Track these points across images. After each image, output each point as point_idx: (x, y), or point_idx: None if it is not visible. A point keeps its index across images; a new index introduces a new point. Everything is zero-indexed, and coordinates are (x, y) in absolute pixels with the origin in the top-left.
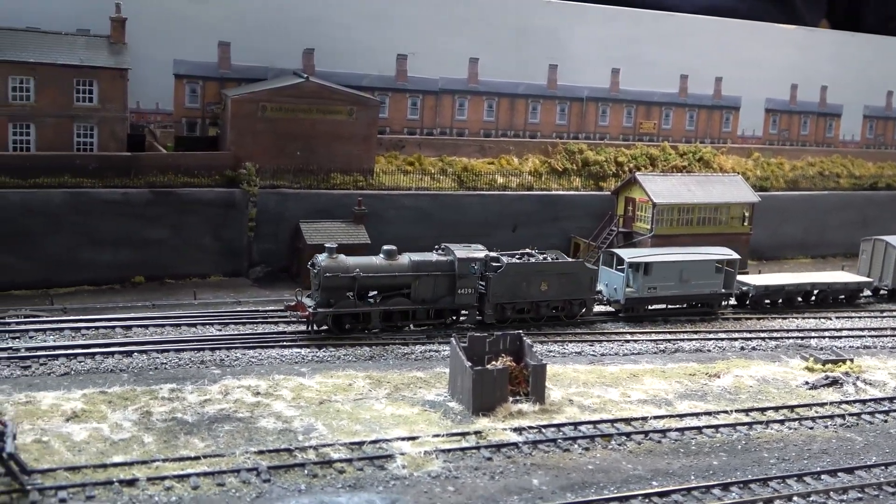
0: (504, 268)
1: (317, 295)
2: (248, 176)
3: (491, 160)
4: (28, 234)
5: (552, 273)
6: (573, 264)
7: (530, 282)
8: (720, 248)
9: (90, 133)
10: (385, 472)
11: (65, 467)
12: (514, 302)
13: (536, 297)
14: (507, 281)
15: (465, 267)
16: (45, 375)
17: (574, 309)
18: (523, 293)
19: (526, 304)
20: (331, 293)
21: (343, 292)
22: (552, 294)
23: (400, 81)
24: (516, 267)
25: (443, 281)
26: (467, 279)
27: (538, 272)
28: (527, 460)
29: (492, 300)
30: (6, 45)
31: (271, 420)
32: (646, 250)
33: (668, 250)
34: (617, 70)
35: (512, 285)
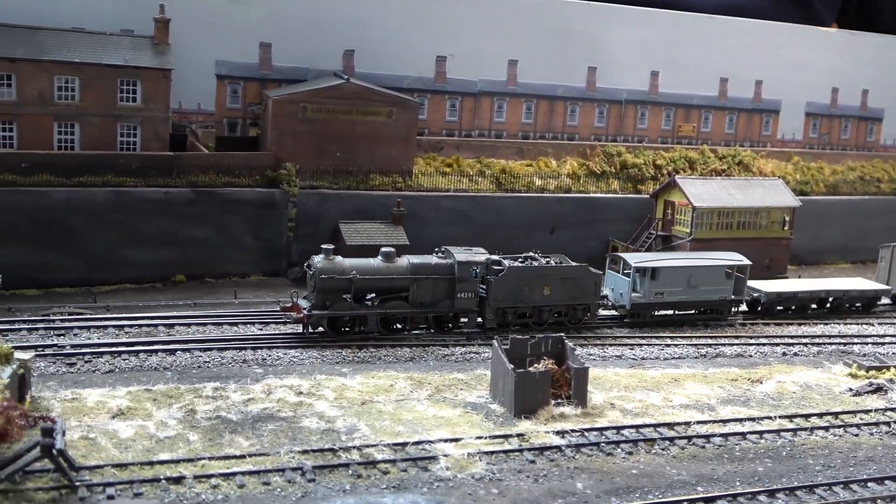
0: (505, 271)
1: (312, 297)
2: (289, 176)
3: (529, 162)
4: (72, 232)
5: (555, 277)
6: (577, 268)
7: (532, 286)
8: (730, 253)
9: (133, 133)
10: (429, 474)
11: (112, 464)
12: (516, 306)
13: (539, 301)
14: (509, 285)
15: (464, 270)
16: (90, 373)
17: (578, 314)
18: (525, 297)
19: (528, 309)
20: (326, 295)
21: (339, 294)
22: (555, 298)
23: (439, 83)
24: (518, 271)
25: (442, 284)
26: (467, 283)
27: (541, 276)
28: (570, 464)
29: (493, 304)
30: (52, 46)
31: (314, 420)
32: (653, 255)
33: (676, 255)
34: (656, 72)
35: (514, 289)
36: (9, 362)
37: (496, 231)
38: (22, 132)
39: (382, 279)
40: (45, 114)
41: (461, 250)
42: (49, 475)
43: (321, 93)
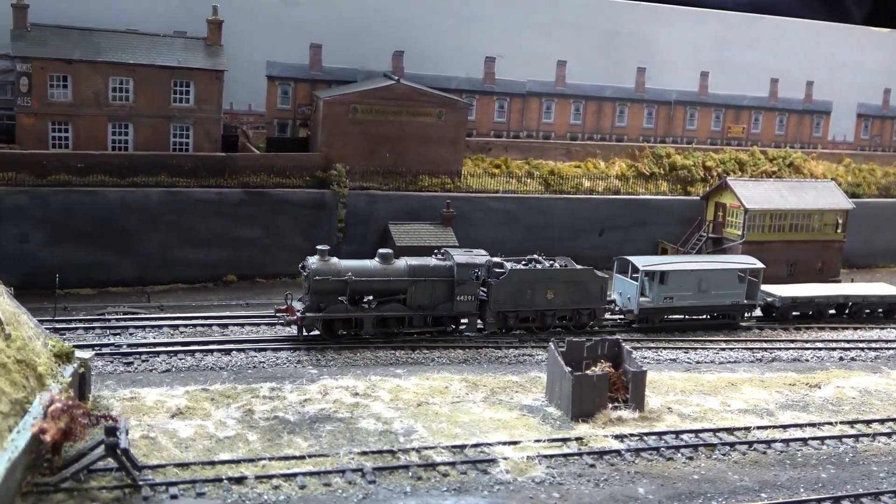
0: (506, 274)
1: (307, 298)
2: (339, 177)
3: (577, 163)
4: (126, 232)
5: (559, 280)
6: (582, 272)
7: (535, 289)
8: (743, 256)
9: (186, 133)
10: (489, 477)
11: (174, 464)
12: (518, 310)
13: (542, 305)
14: (510, 288)
15: (464, 272)
16: (148, 372)
17: (583, 319)
18: (527, 301)
19: (530, 313)
20: (321, 297)
21: (334, 296)
22: (559, 303)
23: (487, 84)
24: (520, 273)
25: (441, 287)
26: (467, 285)
27: (543, 279)
28: (630, 468)
29: (493, 308)
30: (107, 47)
31: (371, 421)
32: (663, 258)
33: (686, 258)
34: (706, 73)
35: (515, 293)
36: (69, 361)
37: (544, 232)
38: (77, 133)
39: (379, 281)
40: (100, 114)
41: (461, 252)
42: (112, 474)
43: (371, 94)
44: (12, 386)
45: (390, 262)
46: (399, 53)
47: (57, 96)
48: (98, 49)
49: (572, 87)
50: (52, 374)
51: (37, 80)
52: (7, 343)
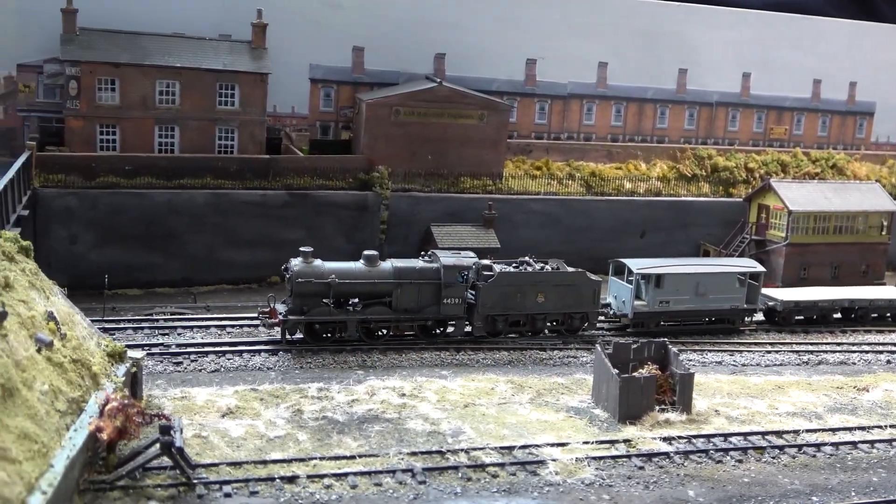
0: (495, 277)
1: (289, 301)
2: (381, 179)
3: (618, 165)
4: (172, 233)
5: (549, 284)
6: (574, 275)
7: (525, 293)
8: (744, 259)
9: (231, 136)
10: (538, 478)
11: (226, 462)
12: (507, 314)
13: (532, 309)
14: (499, 291)
15: (451, 275)
16: (197, 372)
17: (575, 323)
18: (517, 305)
19: (520, 317)
20: (304, 300)
21: (318, 299)
22: (550, 306)
23: (529, 86)
24: (509, 276)
25: (427, 290)
26: (454, 288)
27: (534, 283)
28: (680, 471)
29: (481, 311)
30: (154, 51)
31: (419, 422)
32: (659, 261)
33: (683, 261)
34: (748, 74)
35: (504, 296)
36: (122, 361)
37: (586, 234)
38: (124, 135)
39: (364, 283)
40: (147, 117)
41: (449, 254)
42: (167, 472)
43: (414, 96)
44: (69, 385)
45: (375, 264)
46: (441, 55)
47: (105, 99)
48: (145, 52)
49: (613, 89)
50: (106, 374)
51: (85, 83)
52: (63, 343)
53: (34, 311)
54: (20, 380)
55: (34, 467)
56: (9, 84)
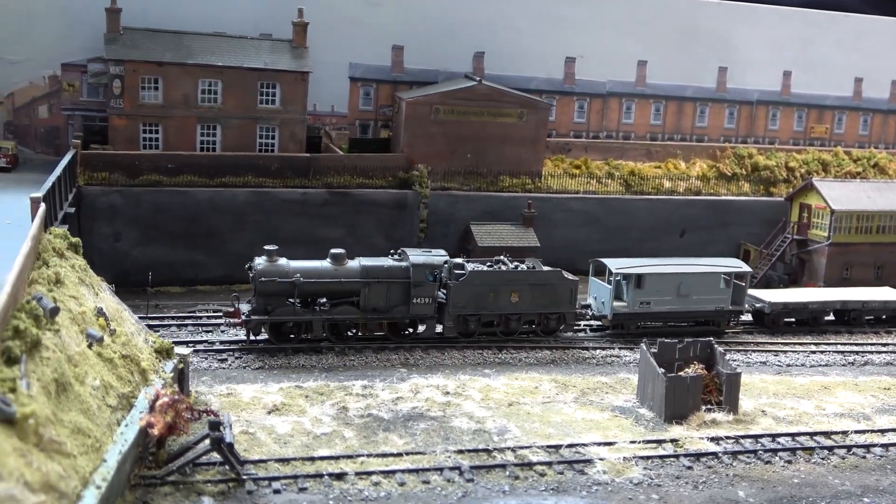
0: (466, 276)
1: (253, 301)
2: (421, 178)
3: (657, 164)
4: (214, 231)
5: (524, 283)
6: (549, 274)
7: (498, 292)
8: (730, 259)
9: (272, 134)
10: (586, 477)
11: (274, 459)
12: (480, 314)
13: (506, 309)
14: (471, 290)
15: (420, 274)
16: (241, 369)
17: (551, 324)
18: (490, 305)
19: (494, 317)
20: (268, 299)
21: (282, 299)
22: (524, 307)
23: (567, 84)
24: (480, 275)
25: (396, 289)
26: (424, 287)
27: (507, 282)
28: (728, 471)
29: (452, 311)
30: (196, 50)
31: (464, 420)
32: (639, 260)
33: (666, 261)
34: (788, 72)
35: (476, 296)
36: (169, 357)
37: (625, 233)
38: (167, 134)
39: (330, 282)
40: (190, 116)
41: (419, 252)
42: (216, 468)
43: (453, 94)
44: (119, 380)
45: (343, 262)
46: (479, 54)
47: (148, 98)
48: (188, 52)
49: (652, 87)
50: (155, 370)
51: (129, 82)
52: (112, 339)
53: (84, 307)
54: (73, 375)
55: (88, 462)
56: (53, 83)
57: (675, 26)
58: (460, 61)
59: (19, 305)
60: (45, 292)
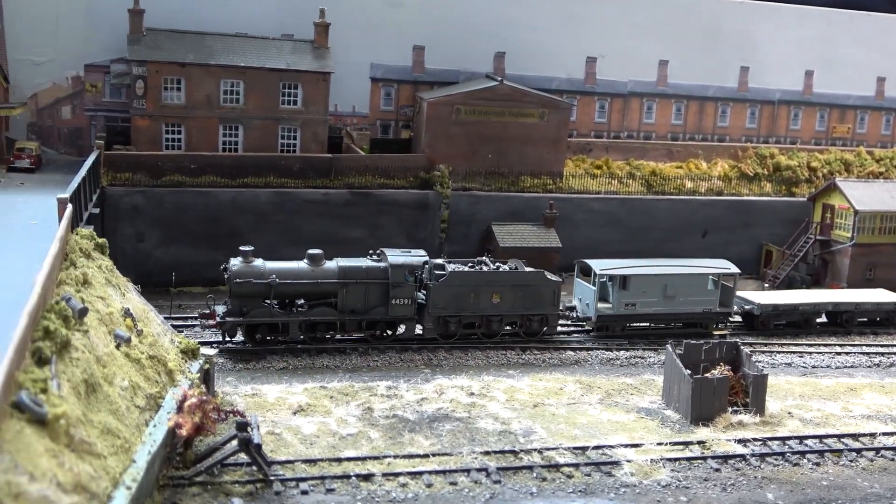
0: (446, 277)
1: (229, 302)
2: (442, 178)
3: (679, 164)
4: (236, 231)
5: (505, 284)
6: (531, 275)
7: (479, 293)
8: (718, 260)
9: (294, 135)
10: (613, 479)
11: (302, 460)
12: (460, 315)
13: (487, 310)
14: (451, 291)
15: (399, 274)
16: (266, 369)
17: (533, 325)
18: (471, 306)
19: (475, 319)
20: (243, 301)
21: (258, 300)
22: (506, 308)
23: (588, 84)
24: (461, 276)
25: (375, 290)
26: (403, 288)
27: (488, 283)
28: (756, 473)
29: (432, 312)
30: (219, 50)
31: (489, 421)
32: (625, 261)
33: (652, 262)
34: (810, 72)
35: (457, 297)
36: (195, 357)
37: (647, 234)
38: (189, 134)
39: (307, 284)
40: (212, 116)
41: (398, 252)
42: (243, 469)
43: (475, 94)
44: (146, 381)
45: (320, 263)
46: (500, 54)
47: (170, 99)
48: (210, 52)
49: (674, 87)
50: (181, 370)
51: (152, 82)
52: (139, 339)
53: (111, 308)
54: (101, 375)
55: (118, 462)
56: (76, 84)
57: (697, 26)
58: (481, 61)
59: (48, 306)
60: (73, 293)
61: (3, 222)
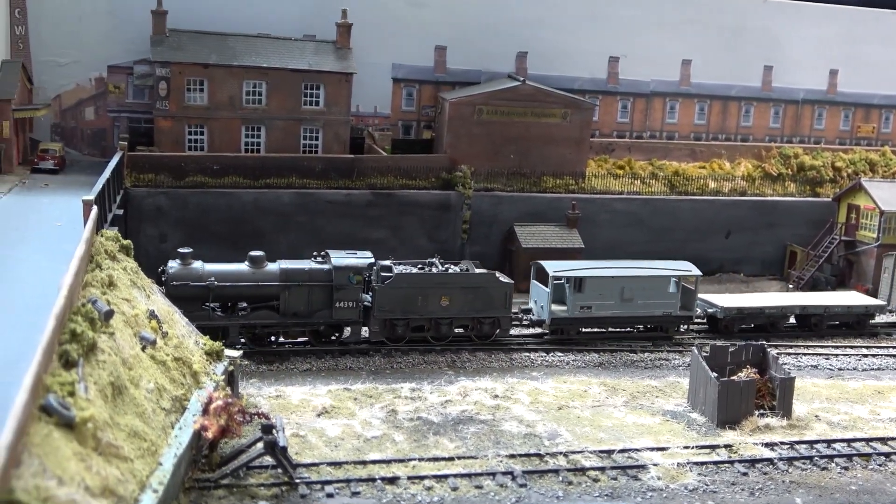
0: (392, 279)
1: None
2: (464, 178)
3: (702, 164)
4: (259, 232)
5: (454, 286)
6: (481, 277)
7: (427, 295)
8: (680, 262)
9: (316, 135)
10: (640, 483)
11: (327, 462)
12: (408, 318)
13: (436, 313)
14: (398, 294)
15: (343, 276)
16: (289, 371)
17: (485, 328)
18: (419, 309)
19: (423, 321)
20: (180, 304)
21: (197, 303)
22: (455, 310)
23: (611, 84)
24: (407, 278)
25: (318, 292)
26: (347, 290)
27: (436, 285)
28: (784, 477)
29: (378, 315)
30: (241, 51)
31: (514, 423)
32: (581, 263)
33: (609, 263)
34: (835, 71)
35: (404, 299)
36: (220, 359)
37: (670, 235)
38: (212, 135)
39: (247, 286)
40: (234, 117)
41: (343, 254)
42: (268, 471)
43: (497, 95)
44: (172, 383)
45: (262, 265)
46: (522, 54)
47: (193, 100)
48: (233, 53)
49: (697, 87)
50: (206, 372)
51: (175, 84)
52: (165, 341)
53: (137, 310)
54: (128, 378)
55: (144, 465)
56: (99, 85)
57: (720, 24)
58: (503, 61)
59: (75, 308)
60: (99, 295)
61: (29, 223)
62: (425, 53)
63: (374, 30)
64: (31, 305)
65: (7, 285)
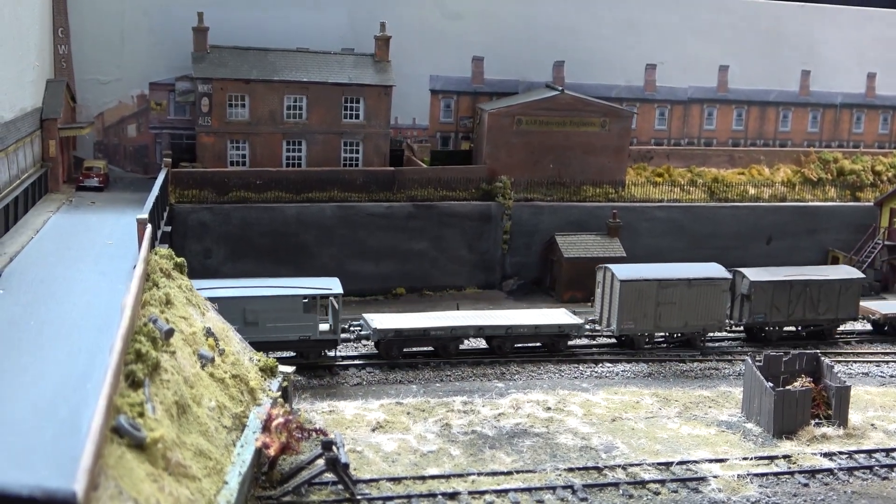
0: None
1: None
2: (504, 189)
3: (741, 170)
4: (302, 246)
5: None
6: None
7: None
8: (326, 279)
9: (356, 148)
10: (701, 496)
11: (386, 478)
12: None
13: None
14: None
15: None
16: (340, 385)
17: None
18: None
19: None
20: None
21: None
22: None
23: (648, 91)
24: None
25: None
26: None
27: None
28: (846, 488)
29: None
30: (281, 66)
31: (569, 436)
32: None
33: (236, 283)
34: (872, 74)
35: None
36: (274, 375)
37: (711, 241)
38: (254, 150)
39: None
40: (276, 132)
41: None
42: (329, 488)
43: (536, 105)
44: (231, 401)
45: None
46: (559, 63)
47: (235, 115)
48: (273, 68)
49: (734, 93)
50: (262, 389)
51: (217, 99)
52: (222, 358)
53: (194, 328)
54: (190, 396)
55: (211, 484)
56: (141, 102)
57: (757, 30)
58: (540, 71)
59: (137, 328)
60: (158, 314)
61: (81, 243)
62: (462, 64)
63: (412, 42)
64: (93, 325)
65: (68, 305)
